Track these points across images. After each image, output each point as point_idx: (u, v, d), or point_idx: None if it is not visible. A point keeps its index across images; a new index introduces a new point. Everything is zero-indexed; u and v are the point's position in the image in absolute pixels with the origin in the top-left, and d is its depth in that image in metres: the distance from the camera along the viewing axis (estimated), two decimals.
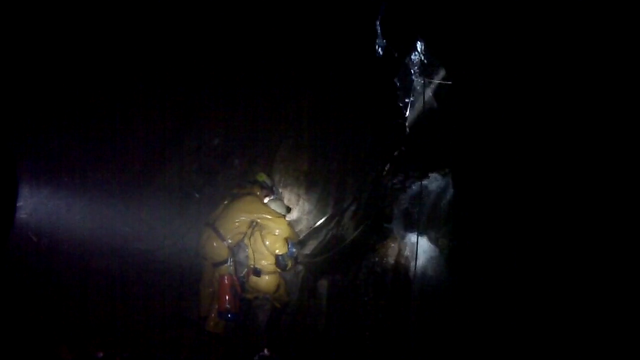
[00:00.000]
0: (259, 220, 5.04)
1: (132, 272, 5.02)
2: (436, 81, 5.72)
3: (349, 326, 5.36)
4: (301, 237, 5.62)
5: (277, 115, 5.56)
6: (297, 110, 5.61)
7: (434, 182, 5.68)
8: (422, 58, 5.76)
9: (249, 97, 5.39)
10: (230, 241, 4.98)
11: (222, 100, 5.42)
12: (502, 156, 4.79)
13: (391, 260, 5.53)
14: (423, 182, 5.59)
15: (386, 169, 5.71)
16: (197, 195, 5.43)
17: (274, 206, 5.09)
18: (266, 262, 4.91)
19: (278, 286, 5.07)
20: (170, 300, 5.13)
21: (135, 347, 4.79)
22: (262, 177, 5.32)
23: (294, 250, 5.12)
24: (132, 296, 4.92)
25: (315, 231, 5.66)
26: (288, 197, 5.60)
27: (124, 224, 5.06)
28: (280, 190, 5.53)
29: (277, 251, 4.92)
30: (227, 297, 4.99)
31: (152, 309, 4.99)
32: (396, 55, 5.80)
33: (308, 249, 5.64)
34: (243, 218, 5.00)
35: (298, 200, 5.64)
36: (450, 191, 5.53)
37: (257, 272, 4.91)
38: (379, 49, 5.76)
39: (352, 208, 5.73)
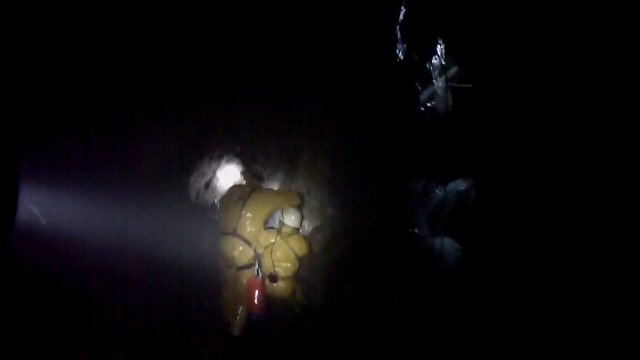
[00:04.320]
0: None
1: (150, 276, 5.08)
2: (457, 84, 5.67)
3: (373, 330, 5.36)
4: (325, 242, 5.67)
5: (298, 121, 5.60)
6: (318, 115, 5.64)
7: (457, 185, 5.62)
8: (443, 61, 5.71)
9: (271, 102, 5.45)
10: (255, 245, 5.05)
11: (243, 107, 5.47)
12: (526, 159, 4.73)
13: (415, 265, 5.50)
14: (446, 186, 5.55)
15: (409, 173, 5.68)
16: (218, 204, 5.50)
17: (287, 218, 5.14)
18: (281, 269, 4.98)
19: (294, 291, 5.12)
20: (190, 305, 5.23)
21: (155, 352, 4.84)
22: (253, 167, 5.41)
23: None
24: (151, 301, 5.00)
25: (339, 236, 5.68)
26: (312, 203, 5.65)
27: (143, 230, 5.11)
28: (304, 196, 5.59)
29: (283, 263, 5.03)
30: (255, 300, 5.06)
31: (171, 314, 5.08)
32: (417, 59, 5.76)
33: (332, 254, 5.67)
34: (254, 216, 5.08)
35: (322, 206, 5.68)
36: (474, 195, 5.47)
37: (273, 279, 4.96)
38: (400, 53, 5.73)
39: (376, 213, 5.72)
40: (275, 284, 5.00)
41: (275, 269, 4.99)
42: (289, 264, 5.01)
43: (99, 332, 4.66)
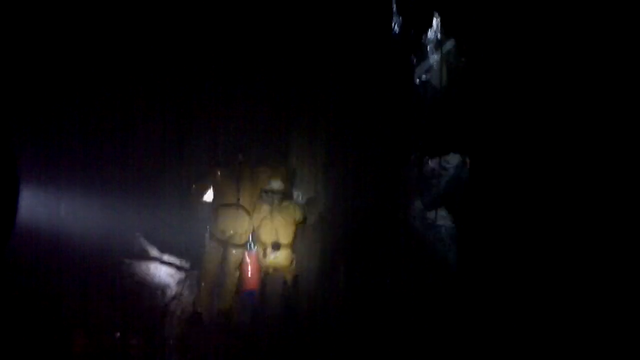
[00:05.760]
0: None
1: (148, 268, 5.26)
2: (452, 59, 5.66)
3: (368, 306, 5.38)
4: (317, 215, 5.66)
5: (293, 95, 5.58)
6: (313, 90, 5.61)
7: (451, 161, 5.63)
8: (439, 36, 5.70)
9: (267, 76, 5.44)
10: (255, 216, 5.10)
11: (241, 95, 5.52)
12: (521, 135, 4.73)
13: (408, 240, 5.51)
14: (440, 162, 5.56)
15: (403, 147, 5.68)
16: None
17: (276, 185, 5.25)
18: (282, 236, 5.01)
19: (292, 261, 5.18)
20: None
21: (151, 330, 4.88)
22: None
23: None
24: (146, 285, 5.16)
25: (331, 210, 5.67)
26: (305, 176, 5.63)
27: (137, 222, 5.25)
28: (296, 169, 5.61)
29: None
30: (249, 274, 5.11)
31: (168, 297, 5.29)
32: (412, 33, 5.75)
33: (324, 228, 5.66)
34: (251, 191, 5.22)
35: (314, 179, 5.67)
36: (468, 171, 5.48)
37: (277, 246, 4.99)
38: (395, 27, 5.72)
39: (369, 187, 5.71)
40: (277, 254, 5.01)
41: (278, 237, 5.02)
42: (288, 230, 5.07)
43: (97, 314, 4.69)
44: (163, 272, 5.53)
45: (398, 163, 5.63)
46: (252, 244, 5.30)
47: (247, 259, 5.17)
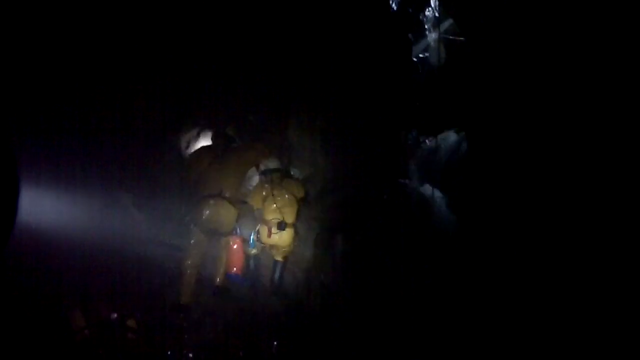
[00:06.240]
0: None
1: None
2: (450, 37, 5.70)
3: (364, 281, 5.42)
4: (316, 192, 5.67)
5: (292, 70, 5.55)
6: (311, 67, 5.58)
7: (448, 138, 5.70)
8: (437, 14, 5.74)
9: (266, 51, 5.40)
10: (257, 197, 5.09)
11: (240, 87, 5.55)
12: (518, 112, 4.79)
13: (406, 215, 5.56)
14: (437, 138, 5.62)
15: (401, 124, 5.72)
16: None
17: (271, 164, 5.26)
18: (286, 214, 4.99)
19: (294, 239, 5.21)
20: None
21: (147, 309, 4.86)
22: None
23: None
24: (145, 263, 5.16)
25: (330, 187, 5.68)
26: (303, 153, 5.62)
27: (135, 204, 5.30)
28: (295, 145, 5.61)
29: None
30: (234, 257, 5.16)
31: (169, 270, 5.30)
32: (410, 10, 5.77)
33: (323, 205, 5.67)
34: (236, 174, 5.22)
35: (313, 156, 5.66)
36: (465, 147, 5.54)
37: (283, 226, 4.98)
38: (393, 4, 5.73)
39: (367, 163, 5.74)
40: (282, 233, 5.03)
41: (282, 216, 5.00)
42: (292, 208, 5.06)
43: (96, 293, 4.71)
44: (160, 253, 5.48)
45: (395, 141, 5.67)
46: (238, 229, 5.33)
47: (233, 244, 5.18)
